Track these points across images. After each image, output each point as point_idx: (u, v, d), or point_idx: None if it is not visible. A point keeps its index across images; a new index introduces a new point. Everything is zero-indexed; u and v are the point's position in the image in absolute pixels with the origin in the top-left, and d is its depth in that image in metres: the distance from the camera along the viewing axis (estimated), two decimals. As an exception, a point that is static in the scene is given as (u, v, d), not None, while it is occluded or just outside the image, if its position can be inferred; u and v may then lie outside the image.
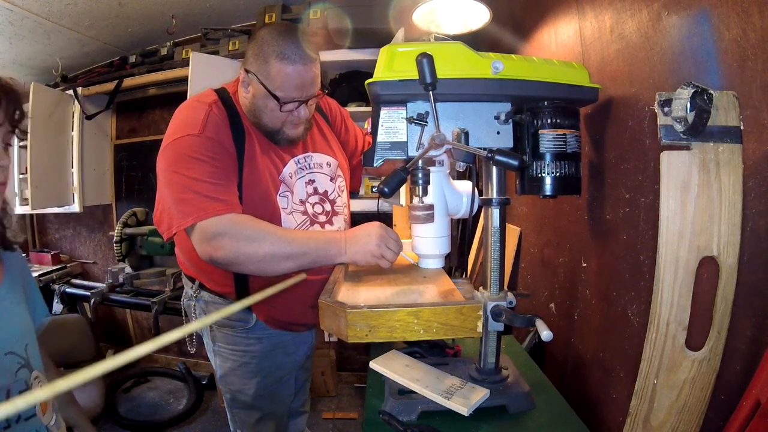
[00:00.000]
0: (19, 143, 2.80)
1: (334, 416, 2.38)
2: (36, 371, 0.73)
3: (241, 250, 0.89)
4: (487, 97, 0.84)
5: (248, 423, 1.17)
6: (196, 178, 0.90)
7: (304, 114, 1.01)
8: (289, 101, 0.96)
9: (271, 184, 1.02)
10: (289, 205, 1.05)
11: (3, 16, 2.13)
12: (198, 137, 0.93)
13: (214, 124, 0.95)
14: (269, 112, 0.98)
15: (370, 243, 0.92)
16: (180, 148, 0.93)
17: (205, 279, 1.10)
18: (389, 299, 0.81)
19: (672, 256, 0.66)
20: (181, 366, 2.66)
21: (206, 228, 0.89)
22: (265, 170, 1.01)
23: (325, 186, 1.13)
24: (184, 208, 0.90)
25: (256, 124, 1.02)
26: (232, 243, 0.88)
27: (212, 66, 2.28)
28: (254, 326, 1.09)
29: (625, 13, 0.86)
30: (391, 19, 1.82)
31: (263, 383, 1.12)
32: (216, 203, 0.90)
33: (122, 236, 2.44)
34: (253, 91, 0.98)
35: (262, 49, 0.95)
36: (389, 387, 0.93)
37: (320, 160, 1.13)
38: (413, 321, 0.66)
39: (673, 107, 0.65)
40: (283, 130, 1.02)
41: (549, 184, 0.84)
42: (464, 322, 0.64)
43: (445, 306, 0.66)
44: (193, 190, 0.90)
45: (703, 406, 0.66)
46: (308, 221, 1.08)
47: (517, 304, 0.87)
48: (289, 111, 0.98)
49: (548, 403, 0.93)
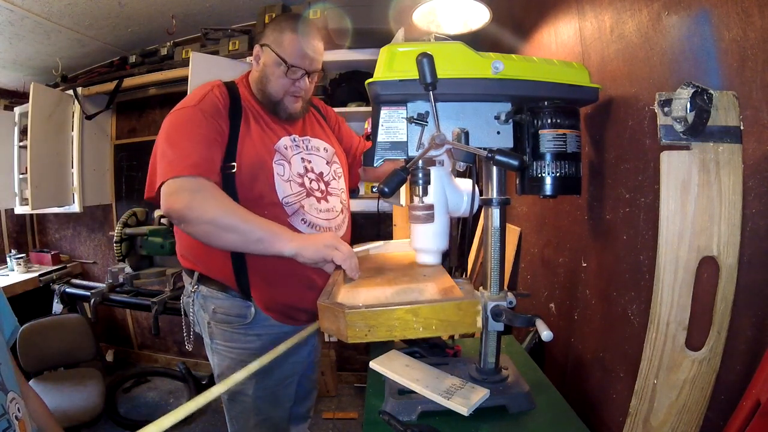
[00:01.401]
0: (19, 143, 2.81)
1: (334, 416, 2.38)
2: (12, 393, 0.69)
3: (194, 205, 0.92)
4: (488, 97, 0.84)
5: (246, 426, 1.16)
6: (178, 143, 0.98)
7: (305, 85, 1.11)
8: (297, 66, 1.07)
9: (264, 150, 1.08)
10: (287, 173, 1.09)
11: (3, 16, 2.13)
12: (192, 108, 1.01)
13: (211, 99, 1.04)
14: (275, 79, 1.09)
15: (321, 237, 0.97)
16: (174, 118, 1.02)
17: (203, 266, 1.11)
18: (389, 299, 0.81)
19: (672, 256, 0.66)
20: (181, 366, 2.66)
21: (172, 184, 0.94)
22: (258, 140, 1.08)
23: (321, 168, 1.18)
24: (162, 168, 0.97)
25: (261, 93, 1.11)
26: (188, 198, 0.93)
27: (212, 66, 2.28)
28: (253, 322, 1.09)
29: (625, 13, 0.86)
30: (391, 19, 1.82)
31: (262, 384, 1.12)
32: (187, 165, 0.95)
33: (122, 236, 2.44)
34: (264, 60, 1.10)
35: (279, 25, 1.09)
36: (389, 387, 0.93)
37: (317, 144, 1.20)
38: (412, 319, 0.66)
39: (673, 107, 0.65)
40: (284, 102, 1.11)
41: (549, 184, 0.84)
42: (463, 318, 0.64)
43: (443, 303, 0.66)
44: (171, 153, 0.97)
45: (703, 406, 0.66)
46: (304, 193, 1.11)
47: (517, 304, 0.87)
48: (293, 79, 1.08)
49: (548, 403, 0.93)
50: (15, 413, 0.68)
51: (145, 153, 1.06)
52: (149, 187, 1.03)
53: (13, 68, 2.78)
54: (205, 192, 0.94)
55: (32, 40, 2.42)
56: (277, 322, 1.11)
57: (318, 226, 1.11)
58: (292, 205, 1.08)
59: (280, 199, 1.06)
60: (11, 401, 0.69)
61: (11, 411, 0.68)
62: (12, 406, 0.69)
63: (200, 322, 1.16)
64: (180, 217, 0.94)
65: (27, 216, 3.27)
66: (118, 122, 3.03)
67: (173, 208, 0.93)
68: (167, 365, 2.93)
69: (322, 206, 1.13)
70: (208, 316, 1.12)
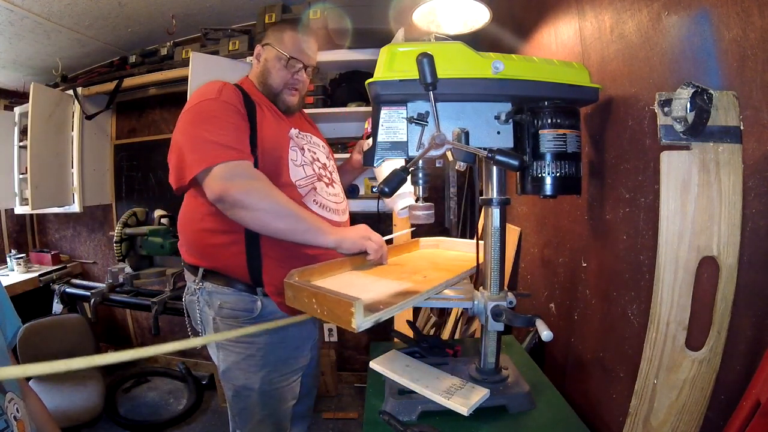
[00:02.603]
0: (19, 143, 2.81)
1: (334, 416, 2.38)
2: (10, 393, 0.69)
3: (252, 191, 0.97)
4: (488, 97, 0.84)
5: (250, 422, 1.16)
6: (213, 131, 1.00)
7: (302, 78, 1.20)
8: (296, 59, 1.17)
9: (280, 137, 1.14)
10: (299, 159, 1.15)
11: (3, 16, 2.13)
12: (215, 100, 1.05)
13: (228, 92, 1.08)
14: (276, 72, 1.18)
15: (357, 228, 1.04)
16: (198, 110, 1.05)
17: (209, 260, 1.12)
18: (337, 285, 0.87)
19: (672, 256, 0.66)
20: (181, 366, 2.66)
21: (223, 169, 0.98)
22: (275, 127, 1.14)
23: (323, 160, 1.25)
24: (199, 155, 0.99)
25: (262, 86, 1.20)
26: (246, 183, 0.97)
27: (212, 66, 2.28)
28: (259, 316, 1.10)
29: (625, 13, 0.86)
30: (391, 19, 1.82)
31: (268, 378, 1.12)
32: (232, 151, 0.99)
33: (122, 236, 2.44)
34: (265, 56, 1.20)
35: (280, 26, 1.21)
36: (389, 387, 0.93)
37: (317, 141, 1.29)
38: (313, 300, 0.76)
39: (673, 107, 0.65)
40: (283, 94, 1.19)
41: (549, 184, 0.84)
42: (343, 314, 0.69)
43: (329, 295, 0.73)
44: (209, 141, 0.99)
45: (703, 406, 0.66)
46: (315, 177, 1.17)
47: (517, 304, 0.87)
48: (293, 71, 1.18)
49: (548, 403, 0.93)
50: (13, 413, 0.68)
51: (146, 153, 1.07)
52: (179, 177, 1.04)
53: (13, 68, 2.78)
54: (261, 180, 0.99)
55: (32, 40, 2.42)
56: (283, 314, 1.12)
57: (329, 208, 1.17)
58: (305, 188, 1.13)
59: (294, 182, 1.11)
60: (9, 401, 0.69)
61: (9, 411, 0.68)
62: (10, 406, 0.68)
63: (204, 319, 1.16)
64: (236, 202, 0.97)
65: (27, 216, 3.27)
66: (118, 122, 3.02)
67: (229, 193, 0.96)
68: (167, 365, 2.93)
69: (330, 191, 1.20)
70: (214, 311, 1.12)
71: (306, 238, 1.00)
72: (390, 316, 0.73)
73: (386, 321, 0.73)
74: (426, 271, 1.02)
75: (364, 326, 0.69)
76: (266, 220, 0.98)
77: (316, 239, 1.00)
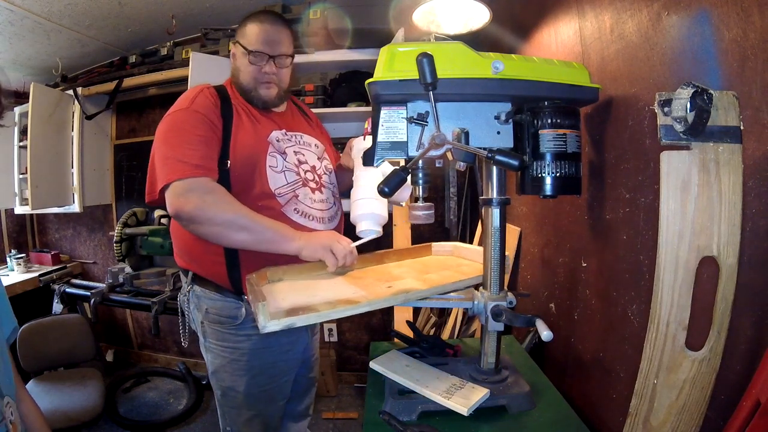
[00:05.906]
0: (19, 143, 2.81)
1: (334, 416, 2.38)
2: (7, 398, 0.69)
3: (205, 207, 0.96)
4: (488, 97, 0.84)
5: (237, 421, 1.16)
6: (176, 146, 1.00)
7: (271, 70, 1.13)
8: (258, 51, 1.10)
9: (257, 144, 1.11)
10: (280, 164, 1.12)
11: (3, 16, 2.13)
12: (185, 111, 1.04)
13: (202, 100, 1.07)
14: (244, 68, 1.13)
15: (321, 236, 1.02)
16: (169, 121, 1.05)
17: (196, 266, 1.12)
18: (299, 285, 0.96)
19: (672, 256, 0.66)
20: (181, 366, 2.66)
21: (179, 186, 0.97)
22: (251, 134, 1.11)
23: (313, 162, 1.21)
24: (164, 171, 0.99)
25: (237, 85, 1.15)
26: (199, 199, 0.96)
27: (212, 66, 2.28)
28: (243, 323, 1.09)
29: (625, 13, 0.86)
30: (391, 19, 1.82)
31: (254, 381, 1.12)
32: (191, 167, 0.98)
33: (122, 236, 2.44)
34: (234, 53, 1.16)
35: (244, 21, 1.15)
36: (389, 387, 0.93)
37: (309, 141, 1.24)
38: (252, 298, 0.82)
39: (673, 107, 0.65)
40: (258, 90, 1.14)
41: (549, 184, 0.84)
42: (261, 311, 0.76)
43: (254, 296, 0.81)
44: (171, 157, 0.99)
45: (703, 406, 0.66)
46: (300, 182, 1.14)
47: (517, 304, 0.87)
48: (258, 65, 1.11)
49: (548, 403, 0.93)
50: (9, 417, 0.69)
51: (146, 153, 1.07)
52: (150, 191, 1.05)
53: (13, 68, 2.78)
54: (215, 194, 0.98)
55: (32, 40, 2.42)
56: None
57: (312, 216, 1.13)
58: (285, 196, 1.10)
59: (273, 191, 1.09)
60: (6, 405, 0.69)
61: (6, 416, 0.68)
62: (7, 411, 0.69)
63: (195, 321, 1.17)
64: (190, 218, 0.97)
65: (27, 216, 3.27)
66: (118, 122, 3.02)
67: (183, 209, 0.96)
68: (167, 365, 2.93)
69: (317, 197, 1.16)
70: (202, 315, 1.13)
71: (270, 247, 0.99)
72: (306, 324, 0.76)
73: (386, 321, 0.73)
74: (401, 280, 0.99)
75: (269, 328, 0.72)
76: (224, 233, 0.98)
77: (280, 247, 0.99)
